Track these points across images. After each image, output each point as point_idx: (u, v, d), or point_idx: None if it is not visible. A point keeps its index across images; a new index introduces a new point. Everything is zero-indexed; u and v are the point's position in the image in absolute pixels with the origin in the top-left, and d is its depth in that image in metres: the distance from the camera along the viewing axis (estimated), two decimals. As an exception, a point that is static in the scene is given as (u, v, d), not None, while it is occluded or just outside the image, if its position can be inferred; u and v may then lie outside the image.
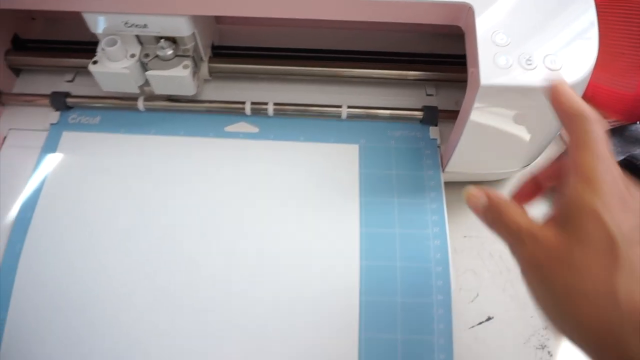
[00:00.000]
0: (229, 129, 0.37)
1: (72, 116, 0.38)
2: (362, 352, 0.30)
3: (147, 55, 0.34)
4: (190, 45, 0.34)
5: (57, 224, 0.34)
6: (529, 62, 0.28)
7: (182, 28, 0.32)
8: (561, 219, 0.21)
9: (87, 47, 0.39)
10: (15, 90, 0.39)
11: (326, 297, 0.31)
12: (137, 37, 0.33)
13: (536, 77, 0.28)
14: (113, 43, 0.32)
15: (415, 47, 0.40)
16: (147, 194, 0.35)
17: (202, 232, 0.33)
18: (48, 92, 0.38)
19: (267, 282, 0.32)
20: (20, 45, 0.40)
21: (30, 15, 0.42)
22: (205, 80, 0.39)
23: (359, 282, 0.31)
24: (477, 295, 0.35)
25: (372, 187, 0.34)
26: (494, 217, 0.23)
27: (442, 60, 0.39)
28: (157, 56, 0.34)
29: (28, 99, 0.38)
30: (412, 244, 0.32)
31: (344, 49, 0.39)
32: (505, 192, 0.39)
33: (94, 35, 0.39)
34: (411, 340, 0.30)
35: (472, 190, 0.24)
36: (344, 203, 0.34)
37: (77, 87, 0.39)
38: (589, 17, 0.30)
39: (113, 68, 0.33)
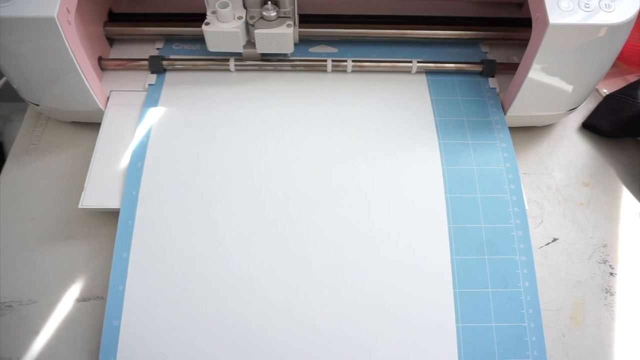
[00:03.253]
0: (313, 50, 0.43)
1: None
2: (455, 272, 0.34)
3: (252, 17, 0.38)
4: (290, 8, 0.38)
5: (166, 170, 0.37)
6: (587, 5, 0.34)
7: (290, -9, 0.36)
8: None
9: (174, 18, 0.43)
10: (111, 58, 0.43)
11: (417, 225, 0.35)
12: (243, 1, 0.38)
13: (593, 17, 0.33)
14: (226, 5, 0.37)
15: (469, 13, 0.45)
16: (242, 140, 0.38)
17: (292, 168, 0.37)
18: (140, 57, 0.42)
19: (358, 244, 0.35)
20: (113, 18, 0.44)
21: (119, -7, 0.46)
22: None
23: (446, 213, 0.36)
24: (542, 221, 0.40)
25: (447, 130, 0.39)
26: None
27: (492, 22, 0.44)
28: (261, 17, 0.38)
29: (125, 63, 0.42)
30: (489, 178, 0.37)
31: (409, 14, 0.44)
32: (552, 137, 0.44)
33: (179, 7, 0.44)
34: (497, 260, 0.35)
35: None
36: (425, 146, 0.38)
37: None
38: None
39: (225, 28, 0.37)
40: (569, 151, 0.43)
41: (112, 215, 0.37)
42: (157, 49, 0.44)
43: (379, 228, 0.35)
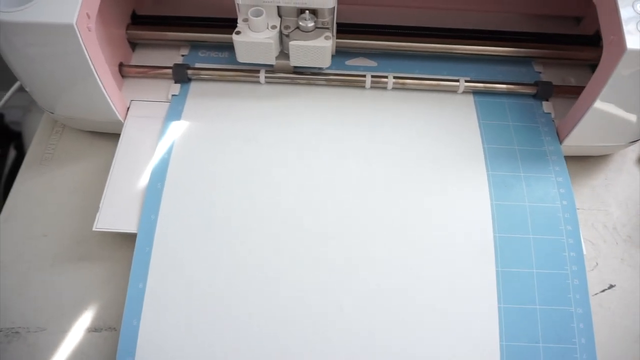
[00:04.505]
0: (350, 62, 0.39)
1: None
2: (503, 322, 0.30)
3: (287, 27, 0.35)
4: (329, 18, 0.35)
5: (187, 193, 0.34)
6: (670, 30, 0.30)
7: (329, 0, 0.33)
8: None
9: (201, 22, 0.40)
10: (133, 64, 0.40)
11: (462, 268, 0.32)
12: (278, 9, 0.34)
13: (678, 44, 0.29)
14: (259, 14, 0.33)
15: (521, 28, 0.41)
16: (270, 161, 0.35)
17: (325, 194, 0.34)
18: (163, 65, 0.39)
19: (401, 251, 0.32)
20: (137, 20, 0.41)
21: (144, -7, 0.43)
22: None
23: (494, 255, 0.32)
24: (597, 264, 0.36)
25: (497, 160, 0.35)
26: None
27: (547, 39, 0.40)
28: (297, 28, 0.35)
29: (148, 71, 0.39)
30: (543, 217, 0.33)
31: (456, 27, 0.41)
32: (609, 169, 0.40)
33: (207, 11, 0.41)
34: (550, 311, 0.31)
35: None
36: (472, 177, 0.34)
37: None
38: None
39: (257, 38, 0.34)
40: (629, 185, 0.39)
41: (129, 236, 0.34)
42: (182, 55, 0.40)
43: (418, 270, 0.32)
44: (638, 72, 0.30)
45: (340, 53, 0.40)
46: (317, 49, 0.35)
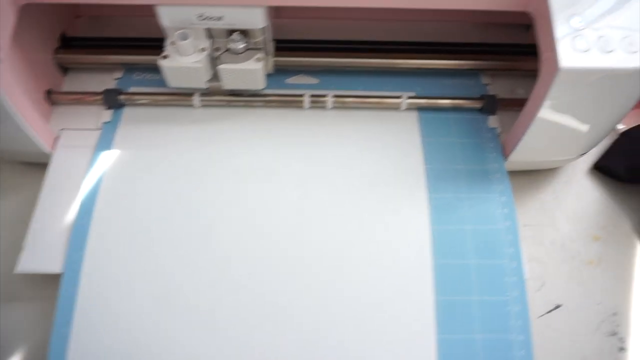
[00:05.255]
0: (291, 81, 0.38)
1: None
2: (442, 354, 0.29)
3: (217, 49, 0.33)
4: (261, 39, 0.33)
5: (115, 229, 0.32)
6: (606, 45, 0.28)
7: (257, 20, 0.31)
8: None
9: (136, 43, 0.38)
10: (64, 89, 0.38)
11: (398, 296, 0.31)
12: (207, 30, 0.33)
13: (614, 60, 0.28)
14: (185, 37, 0.32)
15: (468, 37, 0.40)
16: (206, 186, 0.34)
17: (261, 223, 0.33)
18: (97, 90, 0.37)
19: (333, 280, 0.31)
20: (67, 43, 0.39)
21: (75, 14, 0.41)
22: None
23: (433, 283, 0.31)
24: (544, 284, 0.35)
25: (438, 180, 0.34)
26: None
27: (495, 49, 0.39)
28: (227, 50, 0.33)
29: (78, 98, 0.37)
30: (485, 241, 0.32)
31: (399, 40, 0.39)
32: (558, 181, 0.39)
33: (140, 31, 0.39)
34: (490, 339, 0.30)
35: None
36: (411, 199, 0.33)
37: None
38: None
39: (185, 62, 0.32)
40: (578, 199, 0.38)
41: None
42: (116, 79, 0.39)
43: (353, 301, 0.31)
44: (576, 89, 0.29)
45: (280, 71, 0.38)
46: (248, 71, 0.33)
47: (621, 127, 0.41)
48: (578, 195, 0.39)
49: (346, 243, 0.32)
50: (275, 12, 0.39)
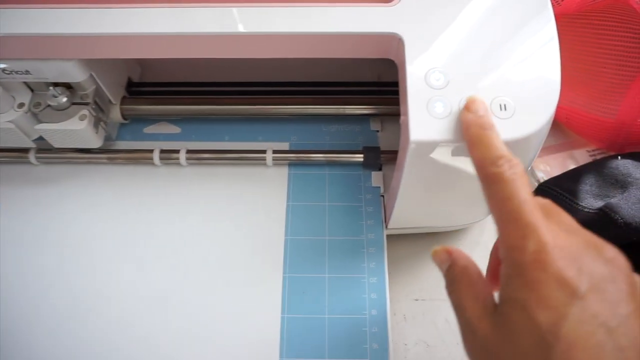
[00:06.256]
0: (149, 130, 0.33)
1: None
2: None
3: (38, 105, 0.28)
4: (89, 90, 0.28)
5: None
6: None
7: (73, 73, 0.26)
8: (498, 306, 0.18)
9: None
10: None
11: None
12: (26, 82, 0.28)
13: (481, 128, 0.22)
14: (-9, 92, 0.27)
15: (359, 75, 0.34)
16: (45, 257, 0.29)
17: (93, 303, 0.28)
18: None
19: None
20: None
21: None
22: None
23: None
24: (430, 373, 0.30)
25: (298, 257, 0.29)
26: (450, 289, 0.21)
27: (388, 89, 0.33)
28: (49, 105, 0.28)
29: None
30: (343, 334, 0.27)
31: (277, 80, 0.34)
32: (469, 240, 0.34)
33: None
34: None
35: (438, 248, 0.22)
36: (265, 283, 0.28)
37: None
38: (549, 47, 0.24)
39: (-4, 121, 0.28)
40: (483, 266, 0.33)
41: None
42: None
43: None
44: (440, 160, 0.24)
45: (138, 120, 0.33)
46: (71, 132, 0.28)
47: (541, 175, 0.35)
48: (484, 260, 0.33)
49: (188, 326, 0.27)
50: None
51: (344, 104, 0.32)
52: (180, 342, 0.27)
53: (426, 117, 0.22)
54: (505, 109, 0.22)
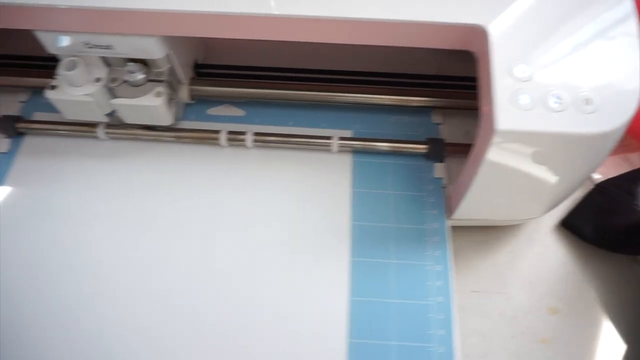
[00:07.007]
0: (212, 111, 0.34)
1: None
2: None
3: (114, 80, 0.29)
4: (164, 68, 0.29)
5: (9, 277, 0.29)
6: (557, 102, 0.23)
7: (153, 50, 0.27)
8: None
9: (47, 62, 0.34)
10: (-37, 112, 0.35)
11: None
12: (104, 57, 0.29)
13: (564, 122, 0.23)
14: (73, 66, 0.28)
15: (420, 67, 0.35)
16: (110, 230, 0.30)
17: (160, 276, 0.29)
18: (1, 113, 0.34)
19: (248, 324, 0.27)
20: (-31, 60, 0.35)
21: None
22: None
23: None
24: (485, 364, 0.30)
25: (364, 241, 0.29)
26: None
27: (450, 83, 0.34)
28: (126, 81, 0.29)
29: (-24, 124, 0.33)
30: (410, 318, 0.27)
31: (341, 69, 0.34)
32: (518, 239, 0.34)
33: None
34: None
35: None
36: (331, 265, 0.29)
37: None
38: (631, 45, 0.24)
39: (73, 95, 0.28)
40: (538, 261, 0.33)
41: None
42: (21, 102, 0.35)
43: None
44: (520, 149, 0.24)
45: (201, 101, 0.34)
46: (146, 108, 0.29)
47: (597, 176, 0.35)
48: (539, 256, 0.33)
49: (252, 305, 0.28)
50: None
51: (406, 95, 0.33)
52: (246, 321, 0.27)
53: (511, 108, 0.23)
54: (589, 103, 0.23)
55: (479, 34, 0.25)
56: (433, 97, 0.33)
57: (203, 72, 0.34)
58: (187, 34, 0.26)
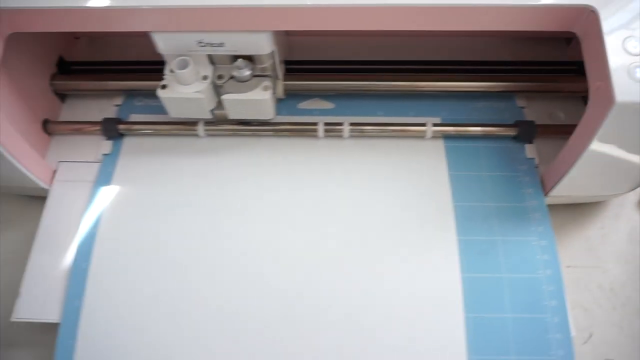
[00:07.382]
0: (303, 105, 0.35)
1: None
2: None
3: (220, 77, 0.30)
4: (268, 64, 0.30)
5: (117, 270, 0.30)
6: (671, 73, 0.24)
7: (263, 45, 0.28)
8: None
9: (138, 67, 0.36)
10: (62, 117, 0.36)
11: (430, 353, 0.27)
12: (209, 56, 0.30)
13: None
14: (185, 65, 0.29)
15: (500, 54, 0.36)
16: (214, 224, 0.31)
17: (269, 264, 0.30)
18: (96, 118, 0.35)
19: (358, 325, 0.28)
20: (65, 68, 0.36)
21: (74, 35, 0.38)
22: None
23: (465, 341, 0.27)
24: (591, 335, 0.31)
25: (468, 221, 0.30)
26: None
27: (531, 68, 0.35)
28: (232, 77, 0.30)
29: (77, 128, 0.35)
30: (522, 291, 0.28)
31: (423, 59, 0.36)
32: (605, 215, 0.35)
33: (143, 53, 0.36)
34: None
35: None
36: (439, 244, 0.30)
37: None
38: None
39: (185, 93, 0.29)
40: (629, 235, 0.34)
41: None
42: (116, 105, 0.36)
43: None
44: (633, 122, 0.25)
45: (291, 95, 0.35)
46: (255, 102, 0.30)
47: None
48: (630, 232, 0.34)
49: (363, 291, 0.29)
50: (285, 31, 0.36)
51: (489, 81, 0.34)
52: (366, 303, 0.29)
53: (628, 81, 0.24)
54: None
55: (586, 14, 0.26)
56: (516, 81, 0.34)
57: (291, 68, 0.35)
58: (294, 28, 0.27)
